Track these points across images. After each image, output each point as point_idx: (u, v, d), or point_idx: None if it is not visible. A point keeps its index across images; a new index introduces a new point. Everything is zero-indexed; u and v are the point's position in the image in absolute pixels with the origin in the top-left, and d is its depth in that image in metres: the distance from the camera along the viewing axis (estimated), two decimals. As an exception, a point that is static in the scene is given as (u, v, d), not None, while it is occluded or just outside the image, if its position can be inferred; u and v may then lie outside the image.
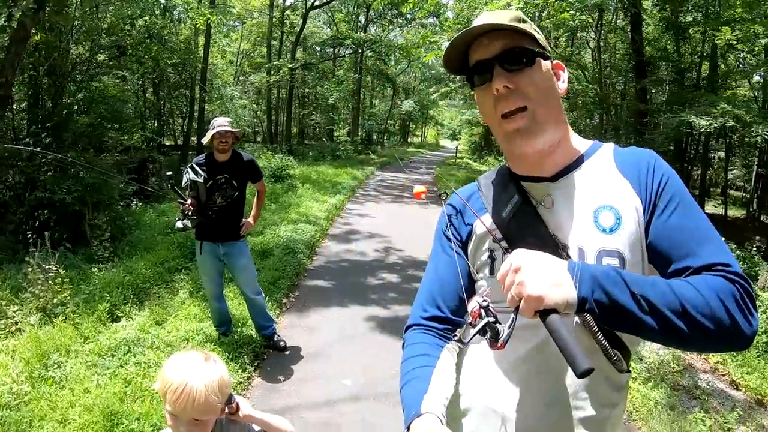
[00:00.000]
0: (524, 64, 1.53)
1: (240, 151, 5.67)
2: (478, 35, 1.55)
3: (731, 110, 11.73)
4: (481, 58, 1.56)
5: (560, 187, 1.59)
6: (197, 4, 16.99)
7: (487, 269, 1.65)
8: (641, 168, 1.54)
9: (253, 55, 40.90)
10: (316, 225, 12.05)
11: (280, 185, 17.28)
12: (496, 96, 1.53)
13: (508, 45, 1.52)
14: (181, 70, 21.23)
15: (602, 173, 1.58)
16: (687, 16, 18.03)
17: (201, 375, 1.96)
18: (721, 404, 5.44)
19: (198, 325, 6.10)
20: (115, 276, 7.26)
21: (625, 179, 1.54)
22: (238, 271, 5.66)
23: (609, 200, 1.52)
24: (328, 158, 29.91)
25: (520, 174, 1.67)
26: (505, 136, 1.57)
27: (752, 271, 9.51)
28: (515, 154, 1.62)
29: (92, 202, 9.63)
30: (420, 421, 1.37)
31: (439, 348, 1.62)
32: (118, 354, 5.31)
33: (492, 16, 1.55)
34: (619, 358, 1.46)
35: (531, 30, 1.56)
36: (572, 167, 1.60)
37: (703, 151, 22.39)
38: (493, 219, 1.65)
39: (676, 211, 1.47)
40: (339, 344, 6.29)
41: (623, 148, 1.67)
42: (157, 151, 19.22)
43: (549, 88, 1.58)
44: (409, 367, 1.57)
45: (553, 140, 1.57)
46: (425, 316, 1.71)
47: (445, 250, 1.77)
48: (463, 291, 1.67)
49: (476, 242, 1.69)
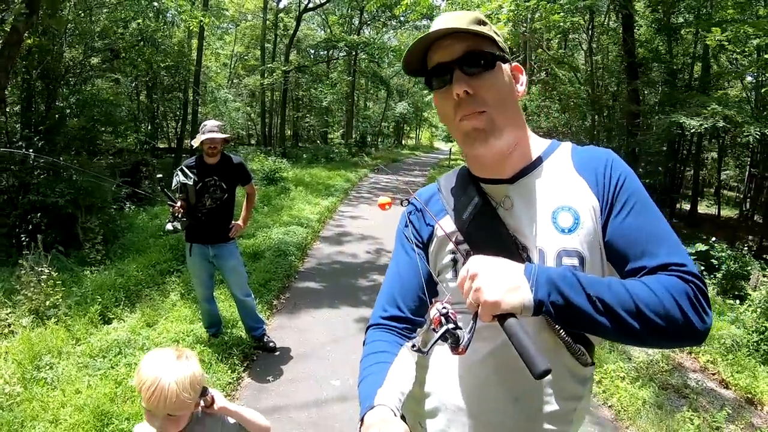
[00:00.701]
0: (484, 67, 1.53)
1: (230, 153, 5.72)
2: (438, 37, 1.54)
3: (722, 111, 11.77)
4: (441, 60, 1.55)
5: (519, 189, 1.61)
6: (190, 7, 16.99)
7: (450, 271, 1.66)
8: (598, 167, 1.57)
9: (247, 58, 40.90)
10: (308, 227, 12.08)
11: (273, 188, 17.32)
12: (457, 100, 1.53)
13: (470, 48, 1.52)
14: (174, 72, 21.23)
15: (560, 173, 1.60)
16: (679, 18, 18.08)
17: (172, 372, 2.03)
18: (711, 403, 5.48)
19: (188, 327, 6.16)
20: (107, 278, 7.32)
21: (582, 179, 1.57)
22: (228, 273, 5.70)
23: (567, 201, 1.55)
24: (322, 160, 29.94)
25: (479, 176, 1.69)
26: (463, 137, 1.57)
27: (743, 270, 9.60)
28: (473, 156, 1.65)
29: (85, 205, 9.68)
30: (373, 413, 1.38)
31: (398, 345, 1.63)
32: (109, 355, 5.37)
33: (452, 19, 1.55)
34: (583, 352, 1.53)
35: (491, 33, 1.57)
36: (530, 168, 1.63)
37: (695, 151, 22.41)
38: (453, 221, 1.68)
39: (633, 211, 1.50)
40: (329, 345, 6.35)
41: (582, 147, 1.70)
42: (150, 153, 19.20)
43: (507, 93, 1.59)
44: (367, 363, 1.60)
45: (510, 143, 1.58)
46: (385, 315, 1.73)
47: (406, 250, 1.79)
48: (423, 291, 1.69)
49: (437, 244, 1.71)
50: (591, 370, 1.65)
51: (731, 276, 9.42)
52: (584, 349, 1.54)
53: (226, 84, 34.15)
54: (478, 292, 1.32)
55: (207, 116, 23.86)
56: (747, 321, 7.06)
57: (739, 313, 7.50)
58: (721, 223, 22.23)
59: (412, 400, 1.76)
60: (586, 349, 1.55)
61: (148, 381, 2.00)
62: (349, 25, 41.79)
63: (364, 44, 36.22)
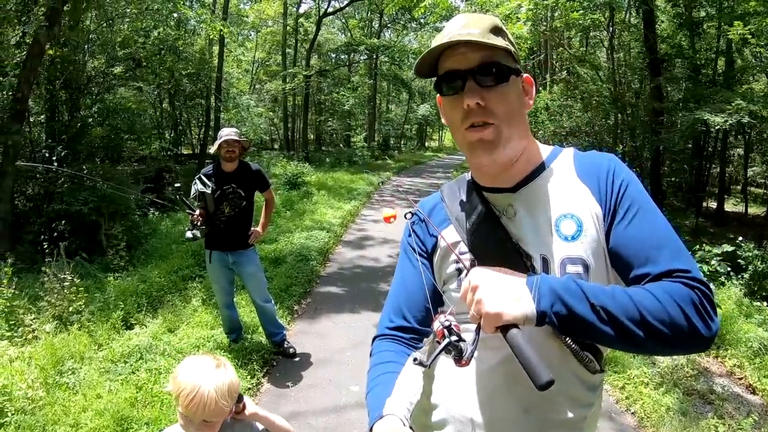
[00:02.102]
0: (498, 80, 1.52)
1: (247, 161, 5.76)
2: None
3: (747, 106, 11.58)
4: (455, 67, 1.53)
5: (522, 197, 1.60)
6: (210, 16, 17.11)
7: (455, 281, 1.66)
8: (600, 174, 1.56)
9: (269, 64, 41.02)
10: (330, 231, 12.11)
11: (295, 192, 17.38)
12: (466, 110, 1.51)
13: (484, 59, 1.50)
14: (196, 80, 21.36)
15: (562, 181, 1.60)
16: (701, 12, 17.86)
17: (212, 380, 2.07)
18: (737, 409, 5.35)
19: (209, 333, 6.21)
20: (130, 284, 7.41)
21: (585, 186, 1.57)
22: (248, 279, 5.75)
23: (570, 208, 1.54)
24: (345, 164, 29.98)
25: (482, 184, 1.68)
26: (468, 146, 1.56)
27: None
28: (476, 165, 1.64)
29: (108, 213, 9.79)
30: (382, 423, 1.39)
31: (405, 356, 1.63)
32: (130, 360, 5.43)
33: (470, 24, 1.52)
34: (591, 359, 1.50)
35: (507, 44, 1.55)
36: (533, 177, 1.62)
37: (721, 148, 22.08)
38: (457, 230, 1.68)
39: (636, 218, 1.49)
40: (349, 350, 6.35)
41: (584, 152, 1.69)
42: (173, 160, 19.36)
43: (517, 106, 1.58)
44: (374, 374, 1.60)
45: (514, 154, 1.57)
46: (392, 326, 1.73)
47: (411, 260, 1.78)
48: (428, 301, 1.68)
49: (441, 254, 1.71)
50: (600, 377, 1.64)
51: (759, 276, 9.22)
52: (592, 356, 1.51)
53: (248, 90, 34.26)
54: (480, 303, 1.31)
55: (229, 122, 23.96)
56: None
57: (766, 315, 7.30)
58: (748, 222, 21.80)
59: (420, 411, 1.74)
60: (594, 356, 1.52)
61: (188, 388, 2.05)
62: (370, 29, 41.93)
63: (384, 47, 36.25)
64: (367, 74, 41.78)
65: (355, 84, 39.62)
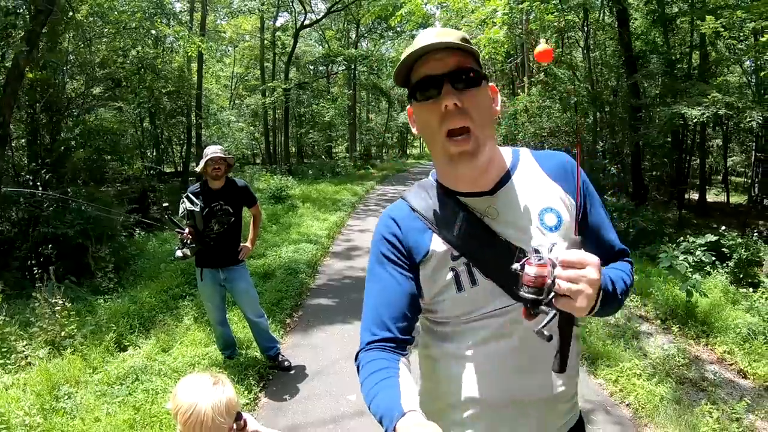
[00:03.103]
0: (471, 84, 1.61)
1: (234, 177, 5.79)
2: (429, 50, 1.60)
3: (723, 98, 11.74)
4: (431, 73, 1.60)
5: (500, 198, 1.73)
6: (187, 33, 17.10)
7: (453, 287, 1.71)
8: (567, 173, 1.80)
9: (248, 78, 41.01)
10: (317, 243, 12.11)
11: (280, 206, 17.34)
12: (444, 112, 1.59)
13: (459, 64, 1.60)
14: (176, 97, 21.33)
15: (534, 179, 1.78)
16: (674, 8, 18.03)
17: (209, 398, 2.09)
18: (729, 394, 5.48)
19: (203, 350, 6.22)
20: (121, 306, 7.39)
21: (556, 184, 1.78)
22: (240, 295, 5.77)
23: (549, 203, 1.74)
24: (328, 175, 29.98)
25: (458, 191, 1.76)
26: (448, 158, 1.64)
27: (756, 256, 9.54)
28: (457, 175, 1.71)
29: (95, 235, 9.76)
30: (406, 420, 1.35)
31: (397, 361, 1.63)
32: (126, 382, 5.43)
33: (441, 33, 1.61)
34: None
35: (476, 51, 1.66)
36: (506, 178, 1.76)
37: (700, 140, 22.29)
38: (442, 238, 1.73)
39: (594, 207, 1.84)
40: (343, 361, 6.35)
41: (539, 151, 1.89)
42: (157, 179, 19.31)
43: (488, 110, 1.69)
44: (374, 381, 1.57)
45: (488, 159, 1.68)
46: (375, 339, 1.71)
47: (388, 270, 1.77)
48: (410, 310, 1.73)
49: (435, 262, 1.73)
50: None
51: (743, 264, 9.38)
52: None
53: (228, 105, 34.21)
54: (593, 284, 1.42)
55: (211, 138, 23.94)
56: (762, 308, 7.05)
57: (753, 301, 7.50)
58: (730, 211, 22.08)
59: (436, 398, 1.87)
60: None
61: (185, 406, 2.07)
62: (347, 39, 41.94)
63: (362, 57, 36.36)
64: (346, 85, 41.85)
65: (334, 95, 39.68)
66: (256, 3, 29.18)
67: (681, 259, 7.95)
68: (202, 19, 23.79)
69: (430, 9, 21.97)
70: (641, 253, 11.31)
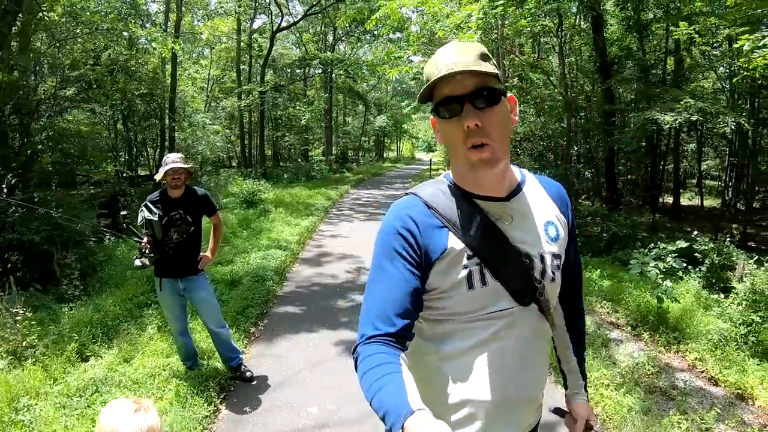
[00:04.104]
0: (491, 103, 1.72)
1: (194, 186, 5.72)
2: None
3: (695, 104, 11.90)
4: (452, 93, 1.71)
5: (514, 205, 1.88)
6: (161, 35, 16.95)
7: (464, 285, 1.80)
8: (562, 199, 2.04)
9: (224, 81, 40.79)
10: (287, 250, 11.98)
11: (252, 211, 17.13)
12: (466, 131, 1.70)
13: (479, 84, 1.70)
14: (149, 100, 21.17)
15: (539, 195, 1.97)
16: (649, 14, 18.21)
17: (129, 425, 2.04)
18: (700, 403, 5.44)
19: (165, 361, 6.09)
20: (85, 315, 7.24)
21: (554, 203, 1.99)
22: (200, 305, 5.68)
23: (550, 217, 1.95)
24: (303, 179, 29.94)
25: (476, 194, 1.86)
26: (471, 165, 1.75)
27: (728, 261, 9.70)
28: (477, 178, 1.83)
29: (61, 241, 9.60)
30: (415, 418, 1.34)
31: (397, 356, 1.63)
32: (85, 394, 5.31)
33: (460, 52, 1.72)
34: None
35: (496, 69, 1.74)
36: (518, 189, 1.92)
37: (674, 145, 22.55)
38: (457, 236, 1.81)
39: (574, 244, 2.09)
40: (307, 371, 6.29)
41: (542, 177, 2.10)
42: (129, 183, 19.09)
43: (506, 125, 1.80)
44: (376, 375, 1.55)
45: (506, 167, 1.85)
46: (378, 333, 1.70)
47: (397, 266, 1.79)
48: (414, 308, 1.75)
49: (450, 260, 1.80)
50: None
51: (716, 268, 9.52)
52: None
53: (204, 108, 33.98)
54: None
55: (185, 141, 23.78)
56: (733, 314, 7.04)
57: (724, 306, 7.49)
58: (704, 214, 22.47)
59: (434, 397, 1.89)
60: None
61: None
62: (324, 42, 41.88)
63: (338, 60, 36.30)
64: (323, 88, 41.79)
65: (310, 98, 39.61)
66: (233, 4, 29.02)
67: (652, 266, 7.97)
68: (177, 20, 23.62)
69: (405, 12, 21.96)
70: (613, 258, 11.35)
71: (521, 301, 1.83)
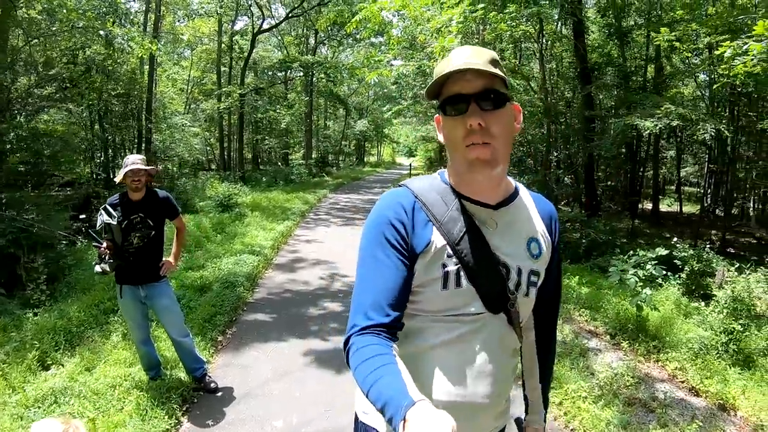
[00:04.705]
0: (497, 105, 1.76)
1: (155, 188, 5.51)
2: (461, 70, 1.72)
3: (676, 110, 12.00)
4: (460, 91, 1.75)
5: (501, 215, 1.90)
6: (139, 34, 16.73)
7: (439, 283, 1.80)
8: (552, 218, 2.06)
9: (204, 82, 40.52)
10: (260, 255, 11.74)
11: (227, 214, 16.91)
12: (468, 129, 1.73)
13: (487, 86, 1.74)
14: (126, 100, 20.94)
15: (529, 210, 1.99)
16: (630, 21, 18.37)
17: None
18: (681, 415, 5.35)
19: (127, 371, 5.88)
20: (48, 321, 7.02)
21: (542, 221, 2.01)
22: (162, 313, 5.47)
23: (535, 233, 1.96)
24: (281, 183, 29.88)
25: (466, 195, 1.88)
26: (468, 163, 1.78)
27: (708, 268, 9.72)
28: (472, 180, 1.84)
29: (28, 244, 9.37)
30: (417, 408, 1.34)
31: (390, 347, 1.65)
32: (44, 405, 5.11)
33: (473, 54, 1.77)
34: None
35: (504, 75, 1.78)
36: (509, 200, 1.94)
37: (654, 151, 22.82)
38: (441, 234, 1.82)
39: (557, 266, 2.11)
40: (273, 382, 6.08)
41: (534, 193, 2.11)
42: (104, 185, 18.80)
43: (509, 130, 1.84)
44: (372, 367, 1.56)
45: (503, 174, 1.87)
46: (370, 324, 1.71)
47: (389, 255, 1.81)
48: (404, 299, 1.78)
49: (433, 256, 1.81)
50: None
51: (695, 275, 9.56)
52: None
53: (183, 110, 33.74)
54: None
55: (163, 143, 23.56)
56: (714, 322, 6.97)
57: (705, 315, 7.49)
58: (683, 220, 23.03)
59: None
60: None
61: None
62: (305, 45, 41.85)
63: (319, 63, 36.24)
64: (304, 91, 41.75)
65: (291, 101, 39.53)
66: (215, 5, 28.85)
67: (631, 273, 7.94)
68: (156, 20, 23.40)
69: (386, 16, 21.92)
70: (592, 265, 11.30)
71: (491, 308, 1.84)
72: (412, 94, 40.95)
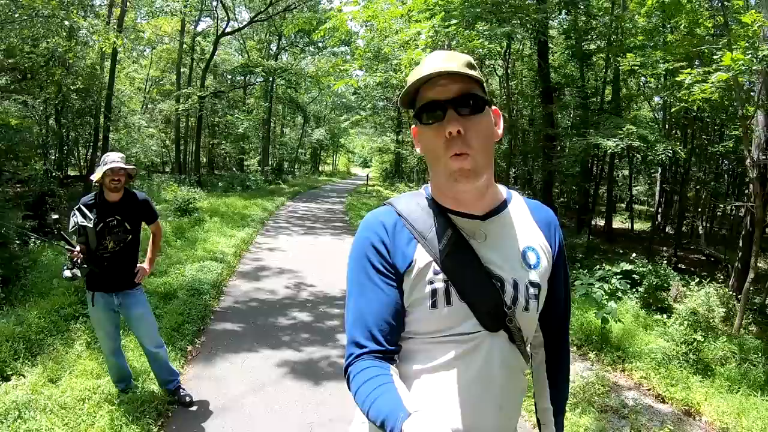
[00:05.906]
0: (475, 110, 1.67)
1: (136, 187, 5.29)
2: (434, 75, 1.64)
3: (637, 131, 12.38)
4: (436, 98, 1.67)
5: (491, 225, 1.81)
6: (103, 28, 16.36)
7: (427, 303, 1.72)
8: (550, 226, 1.94)
9: (163, 83, 39.88)
10: (224, 262, 11.51)
11: (186, 219, 16.59)
12: (448, 138, 1.64)
13: (463, 90, 1.66)
14: (85, 96, 20.48)
15: (523, 218, 1.89)
16: (591, 44, 18.72)
17: None
18: (650, 420, 5.65)
19: (95, 382, 5.60)
20: (5, 327, 6.62)
21: (539, 229, 1.90)
22: (136, 323, 5.22)
23: (531, 243, 1.85)
24: (238, 189, 29.62)
25: (451, 209, 1.81)
26: (449, 175, 1.69)
27: (664, 283, 10.35)
28: (456, 192, 1.77)
29: (-21, 244, 9.00)
30: (413, 419, 1.35)
31: (388, 368, 1.64)
32: (7, 420, 4.80)
33: (448, 58, 1.70)
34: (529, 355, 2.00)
35: (481, 78, 1.71)
36: (500, 209, 1.85)
37: (608, 170, 23.36)
38: (427, 251, 1.75)
39: (564, 274, 1.98)
40: (249, 395, 5.90)
41: (531, 200, 2.02)
42: (58, 183, 18.32)
43: (490, 135, 1.75)
44: (370, 388, 1.56)
45: (487, 182, 1.77)
46: (365, 351, 1.69)
47: (374, 280, 1.76)
48: (396, 321, 1.73)
49: (417, 274, 1.74)
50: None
51: (653, 289, 10.01)
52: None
53: (140, 109, 33.15)
54: None
55: (120, 142, 23.13)
56: (675, 333, 7.30)
57: (666, 326, 7.90)
58: (635, 237, 23.91)
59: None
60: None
61: None
62: (267, 51, 41.66)
63: (281, 69, 36.05)
64: (263, 97, 41.49)
65: (250, 107, 39.26)
66: (179, 5, 28.40)
67: (597, 287, 8.12)
68: (121, 14, 22.87)
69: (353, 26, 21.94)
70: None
71: (488, 326, 1.74)
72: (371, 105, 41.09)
